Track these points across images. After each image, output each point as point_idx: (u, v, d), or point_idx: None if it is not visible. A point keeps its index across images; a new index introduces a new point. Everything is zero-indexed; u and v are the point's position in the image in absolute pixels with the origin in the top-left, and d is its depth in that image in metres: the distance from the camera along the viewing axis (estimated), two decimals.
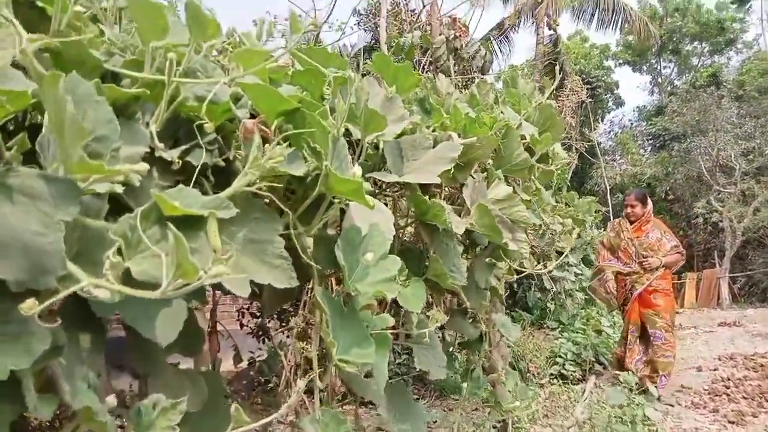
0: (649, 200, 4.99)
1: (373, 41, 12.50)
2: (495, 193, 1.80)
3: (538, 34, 14.79)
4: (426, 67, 6.52)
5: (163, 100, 0.84)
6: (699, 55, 25.21)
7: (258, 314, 4.09)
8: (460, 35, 4.67)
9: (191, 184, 0.87)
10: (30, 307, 0.51)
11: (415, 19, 6.85)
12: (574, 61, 18.89)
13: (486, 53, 5.19)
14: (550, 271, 1.97)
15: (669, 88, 25.55)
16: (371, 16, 10.38)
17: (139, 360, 0.96)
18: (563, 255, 2.34)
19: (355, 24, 11.12)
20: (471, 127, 1.71)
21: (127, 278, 0.61)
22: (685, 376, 4.94)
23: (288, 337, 3.99)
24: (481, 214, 1.63)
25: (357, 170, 1.01)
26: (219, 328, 3.70)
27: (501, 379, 2.40)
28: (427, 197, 1.68)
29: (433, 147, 1.57)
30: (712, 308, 16.49)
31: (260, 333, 4.16)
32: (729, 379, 4.56)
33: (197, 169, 0.85)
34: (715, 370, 5.19)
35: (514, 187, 2.14)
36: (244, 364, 4.18)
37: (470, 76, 7.42)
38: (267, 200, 1.06)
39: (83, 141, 0.54)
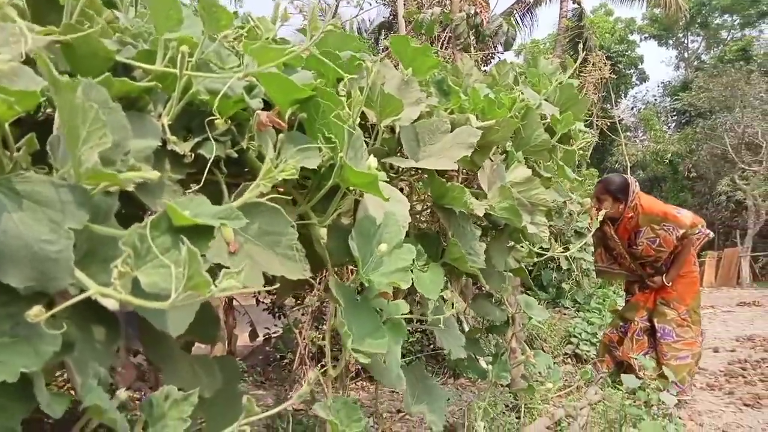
0: (631, 186, 3.43)
1: (392, 16, 12.29)
2: (514, 175, 1.77)
3: (561, 8, 14.38)
4: (446, 43, 6.40)
5: (175, 93, 0.82)
6: (729, 28, 24.39)
7: (274, 291, 4.13)
8: (480, 11, 4.55)
9: (203, 178, 0.86)
10: (36, 314, 0.51)
11: None
12: (598, 35, 18.41)
13: (509, 29, 5.05)
14: (572, 254, 1.95)
15: (696, 63, 24.86)
16: None
17: (151, 350, 0.97)
18: (585, 238, 2.30)
19: None
20: (490, 109, 1.67)
21: (135, 283, 0.61)
22: (702, 357, 4.90)
23: (303, 314, 4.04)
24: (501, 197, 1.61)
25: (372, 161, 0.99)
26: (235, 304, 3.76)
27: (531, 362, 2.39)
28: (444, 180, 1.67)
29: (451, 130, 1.54)
30: (731, 287, 16.33)
31: (276, 309, 4.21)
32: (746, 361, 4.52)
33: (209, 163, 0.84)
34: (732, 351, 5.15)
35: (534, 167, 2.11)
36: (260, 340, 4.25)
37: (490, 51, 7.27)
38: (281, 190, 1.05)
39: (102, 149, 0.54)
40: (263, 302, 4.37)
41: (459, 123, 1.63)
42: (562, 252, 1.90)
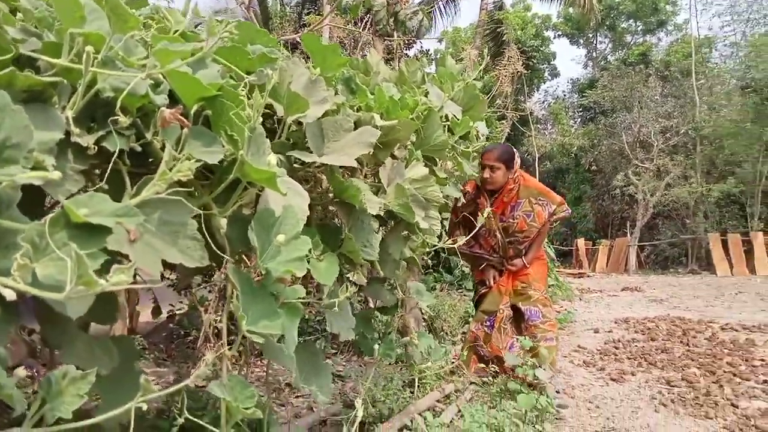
0: (517, 158, 3.37)
1: None
2: (413, 173, 1.91)
3: (482, 0, 14.81)
4: (369, 25, 6.47)
5: (80, 88, 0.86)
6: (633, 33, 26.17)
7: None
8: (399, 0, 4.67)
9: (107, 171, 0.92)
10: None
11: None
12: (519, 27, 19.17)
13: (423, 17, 5.22)
14: (459, 246, 2.13)
15: (602, 63, 26.50)
16: None
17: (48, 330, 1.01)
18: (476, 228, 2.52)
19: None
20: (393, 109, 1.79)
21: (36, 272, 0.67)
22: (583, 337, 5.41)
23: (210, 292, 4.04)
24: (397, 195, 1.74)
25: (272, 159, 1.08)
26: (138, 279, 3.68)
27: (414, 342, 2.58)
28: (347, 175, 1.78)
29: (356, 128, 1.65)
30: (620, 273, 17.86)
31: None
32: (619, 341, 5.04)
33: (113, 156, 0.89)
34: (610, 332, 5.71)
35: (435, 162, 2.27)
36: (163, 317, 4.19)
37: (411, 38, 7.42)
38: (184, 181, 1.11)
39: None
40: (168, 278, 4.31)
41: (364, 121, 1.74)
42: (451, 245, 2.08)
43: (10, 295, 0.59)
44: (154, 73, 0.89)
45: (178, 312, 4.15)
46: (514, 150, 3.43)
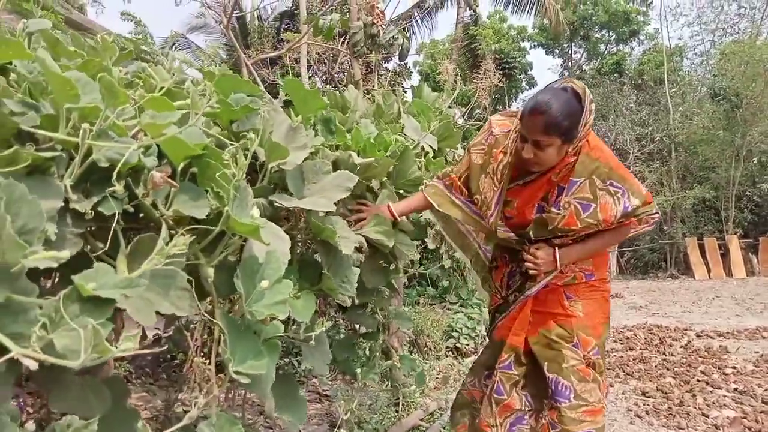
0: (586, 116, 1.79)
1: (294, 7, 12.28)
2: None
3: (458, 14, 15.09)
4: (344, 44, 6.59)
5: (76, 159, 0.94)
6: (606, 42, 26.72)
7: None
8: (376, 22, 4.79)
9: (109, 237, 0.99)
10: None
11: None
12: (494, 41, 19.52)
13: (403, 41, 5.35)
14: (431, 272, 2.21)
15: (578, 73, 26.98)
16: None
17: (43, 377, 1.07)
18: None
19: None
20: (370, 148, 1.89)
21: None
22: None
23: (196, 314, 4.07)
24: (377, 223, 1.86)
25: (255, 212, 1.16)
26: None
27: (396, 365, 2.67)
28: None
29: (335, 167, 1.75)
30: None
31: None
32: None
33: (112, 222, 0.97)
34: None
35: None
36: (149, 341, 4.22)
37: (390, 55, 7.55)
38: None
39: (21, 252, 0.67)
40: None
41: (342, 159, 1.83)
42: (423, 270, 2.17)
43: (33, 366, 0.66)
44: (146, 144, 0.97)
45: (163, 335, 4.18)
46: (583, 99, 1.81)
